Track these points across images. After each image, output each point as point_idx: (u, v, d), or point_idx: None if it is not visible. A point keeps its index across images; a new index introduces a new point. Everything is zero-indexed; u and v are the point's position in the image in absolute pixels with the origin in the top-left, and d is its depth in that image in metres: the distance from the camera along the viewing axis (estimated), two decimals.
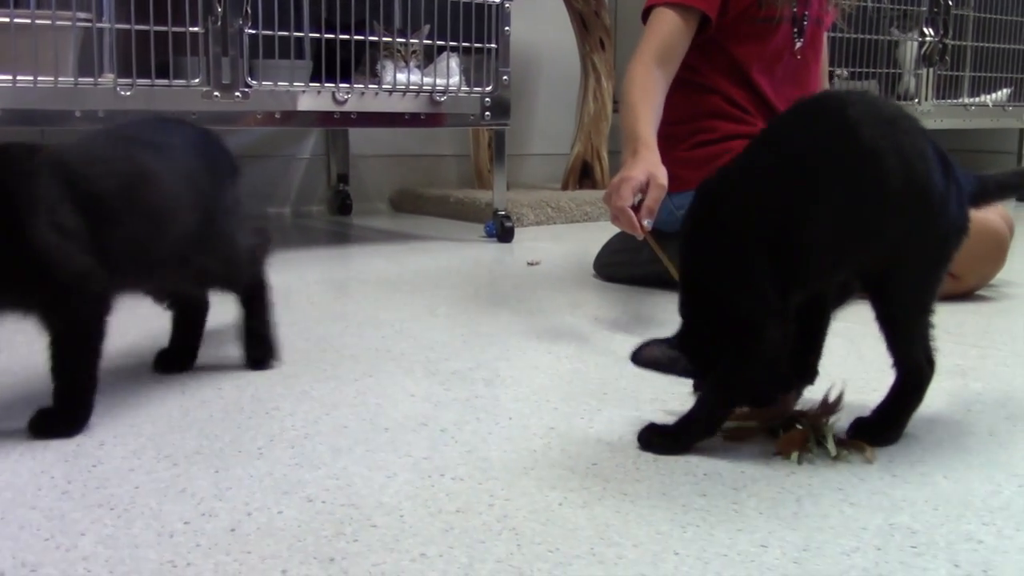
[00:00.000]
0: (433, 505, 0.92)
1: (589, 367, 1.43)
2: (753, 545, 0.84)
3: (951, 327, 1.65)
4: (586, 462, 1.04)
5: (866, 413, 1.11)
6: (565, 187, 3.52)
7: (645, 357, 1.13)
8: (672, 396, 1.27)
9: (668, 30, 1.80)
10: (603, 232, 2.19)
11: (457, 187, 3.55)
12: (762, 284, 1.04)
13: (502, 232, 2.71)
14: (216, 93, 2.23)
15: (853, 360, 1.44)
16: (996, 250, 1.93)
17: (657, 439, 1.08)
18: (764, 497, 0.95)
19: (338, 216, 3.30)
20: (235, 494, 0.94)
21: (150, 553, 0.82)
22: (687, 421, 1.07)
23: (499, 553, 0.82)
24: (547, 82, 3.85)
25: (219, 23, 2.20)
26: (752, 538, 0.86)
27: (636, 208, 1.54)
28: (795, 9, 1.97)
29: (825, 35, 2.15)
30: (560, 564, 0.81)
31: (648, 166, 1.57)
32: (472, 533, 0.86)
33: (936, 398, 1.19)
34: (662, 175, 1.56)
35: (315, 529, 0.87)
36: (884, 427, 1.10)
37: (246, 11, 2.22)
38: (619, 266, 2.10)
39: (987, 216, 1.90)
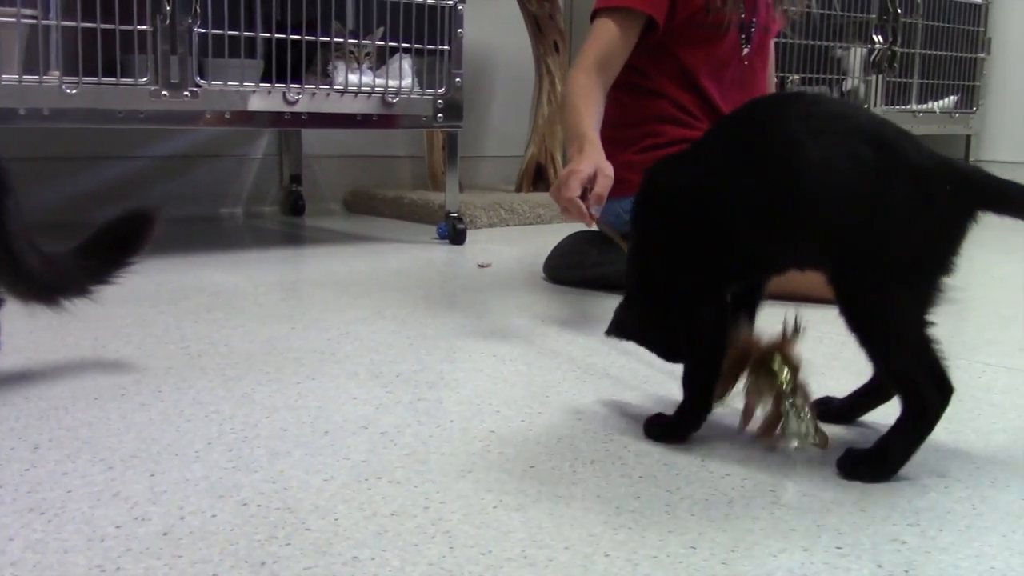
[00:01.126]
0: (368, 508, 0.92)
1: (533, 370, 1.43)
2: (683, 547, 0.85)
3: None
4: (524, 465, 1.05)
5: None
6: (519, 189, 3.53)
7: (615, 327, 1.20)
8: (612, 399, 1.28)
9: (609, 36, 1.85)
10: (556, 234, 2.21)
11: (411, 188, 3.55)
12: (696, 267, 1.10)
13: (454, 234, 2.72)
14: (164, 92, 2.21)
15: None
16: None
17: (658, 429, 1.14)
18: (697, 499, 0.96)
19: (291, 217, 3.28)
20: (169, 498, 0.94)
21: (79, 558, 0.81)
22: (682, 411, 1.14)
23: (431, 556, 0.83)
24: (502, 84, 3.86)
25: (167, 21, 2.18)
26: (682, 539, 0.87)
27: (584, 200, 1.57)
28: (743, 16, 1.99)
29: (772, 42, 2.18)
30: (491, 567, 0.81)
31: (594, 160, 1.60)
32: (405, 536, 0.86)
33: None
34: (608, 168, 1.59)
35: (248, 533, 0.86)
36: (878, 461, 1.03)
37: (195, 10, 2.21)
38: (568, 269, 2.11)
39: None
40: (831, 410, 1.20)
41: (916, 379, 1.01)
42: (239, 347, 1.51)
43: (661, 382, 1.36)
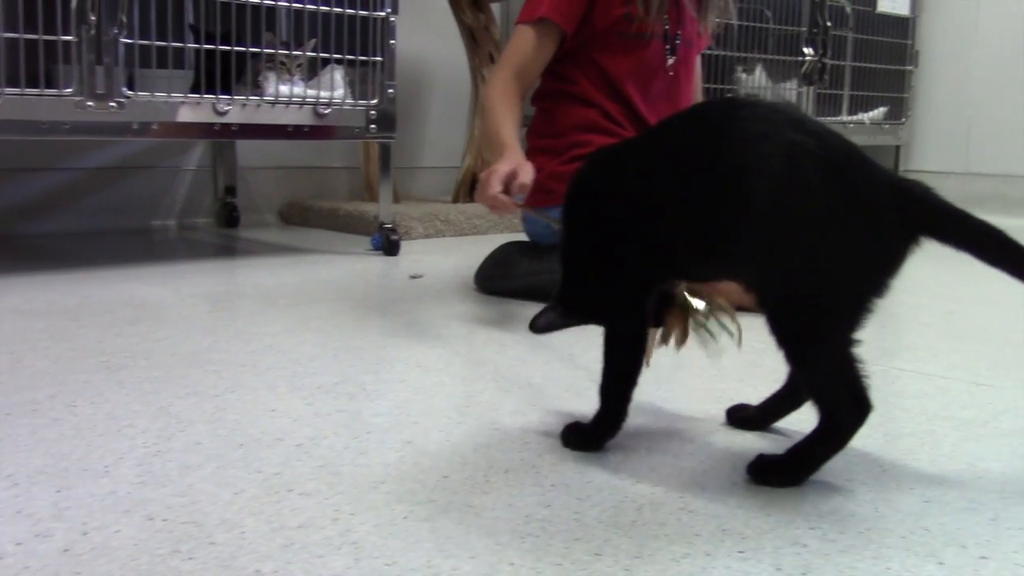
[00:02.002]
0: (276, 521, 0.92)
1: (456, 380, 1.44)
2: (587, 554, 0.86)
3: None
4: (437, 475, 1.05)
5: None
6: (456, 200, 3.53)
7: (541, 323, 1.16)
8: (532, 408, 1.29)
9: (526, 46, 1.93)
10: (491, 245, 2.21)
11: (347, 200, 3.54)
12: (620, 277, 1.09)
13: (388, 245, 2.71)
14: (90, 103, 2.18)
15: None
16: None
17: (575, 437, 1.14)
18: (607, 506, 0.97)
19: (225, 229, 3.25)
20: (74, 514, 0.92)
21: None
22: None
23: (336, 568, 0.83)
24: (439, 95, 3.87)
25: (93, 32, 2.15)
26: (588, 547, 0.88)
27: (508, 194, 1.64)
28: (667, 27, 2.02)
29: (699, 57, 2.21)
30: None
31: (513, 160, 1.68)
32: (312, 548, 0.86)
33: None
34: (528, 166, 1.66)
35: (152, 548, 0.86)
36: (788, 468, 1.04)
37: (121, 20, 2.18)
38: (498, 279, 2.12)
39: None
40: (746, 416, 1.22)
41: (836, 397, 1.02)
42: (160, 360, 1.49)
43: (583, 390, 1.37)
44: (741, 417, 1.22)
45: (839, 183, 0.96)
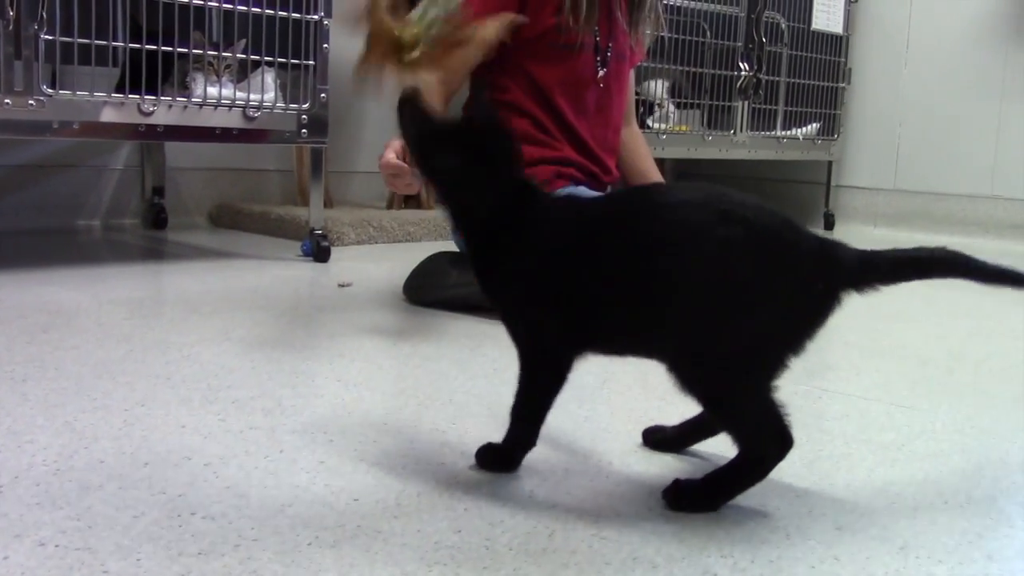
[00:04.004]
0: (175, 547, 0.88)
1: (375, 396, 1.41)
2: None
3: None
4: (347, 498, 1.02)
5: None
6: (390, 206, 3.50)
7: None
8: (451, 427, 1.27)
9: None
10: (424, 253, 2.19)
11: (280, 203, 3.48)
12: (548, 329, 1.07)
13: (318, 252, 2.67)
14: (7, 101, 2.12)
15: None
16: None
17: (489, 457, 1.13)
18: (518, 532, 0.95)
19: (152, 231, 3.18)
20: None
21: None
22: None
23: None
24: (376, 99, 3.82)
25: (11, 27, 2.09)
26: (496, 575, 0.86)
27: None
28: (597, 39, 2.02)
29: (632, 71, 2.21)
30: None
31: None
32: None
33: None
34: None
35: None
36: (704, 495, 1.04)
37: (41, 15, 2.12)
38: (427, 289, 2.10)
39: None
40: (662, 439, 1.21)
41: (757, 436, 1.02)
42: (69, 370, 1.45)
43: (505, 408, 1.35)
44: (657, 439, 1.21)
45: (766, 265, 0.97)
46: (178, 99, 2.38)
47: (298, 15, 2.55)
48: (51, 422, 1.22)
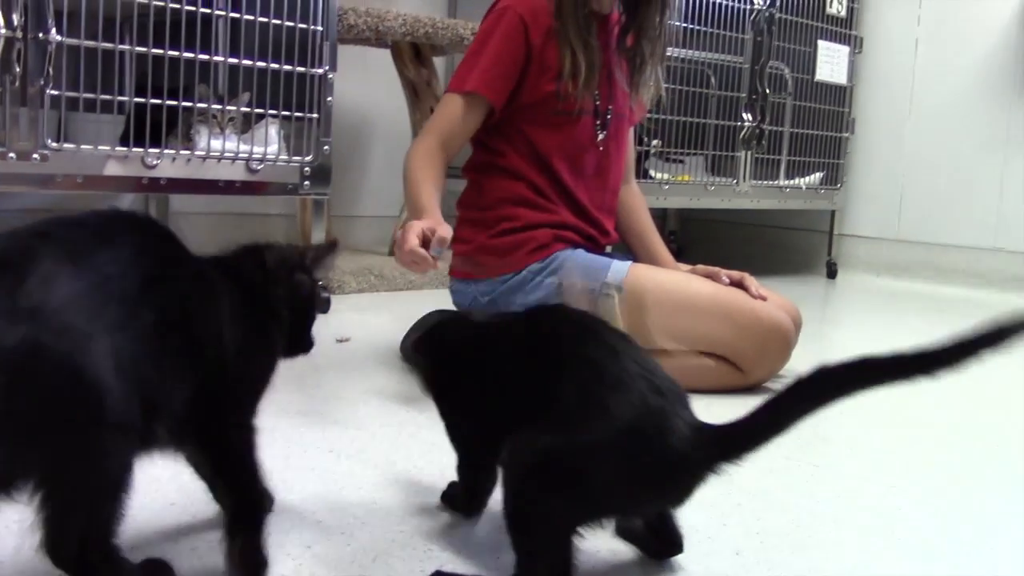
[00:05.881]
0: None
1: (366, 469, 1.41)
2: None
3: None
4: None
5: None
6: (392, 252, 3.51)
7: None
8: (442, 508, 1.27)
9: (452, 116, 1.93)
10: (425, 303, 2.18)
11: None
12: (465, 433, 1.22)
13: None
14: (11, 155, 2.13)
15: None
16: (782, 346, 2.01)
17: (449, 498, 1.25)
18: None
19: None
20: None
21: None
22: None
23: None
24: (380, 145, 3.86)
25: (16, 83, 2.10)
26: None
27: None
28: (597, 103, 2.03)
29: (631, 129, 2.22)
30: None
31: (431, 219, 1.66)
32: None
33: None
34: (446, 225, 1.63)
35: None
36: None
37: (48, 72, 2.14)
38: None
39: (773, 313, 1.99)
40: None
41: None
42: None
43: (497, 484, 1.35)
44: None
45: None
46: (182, 152, 2.39)
47: (303, 68, 2.57)
48: None
